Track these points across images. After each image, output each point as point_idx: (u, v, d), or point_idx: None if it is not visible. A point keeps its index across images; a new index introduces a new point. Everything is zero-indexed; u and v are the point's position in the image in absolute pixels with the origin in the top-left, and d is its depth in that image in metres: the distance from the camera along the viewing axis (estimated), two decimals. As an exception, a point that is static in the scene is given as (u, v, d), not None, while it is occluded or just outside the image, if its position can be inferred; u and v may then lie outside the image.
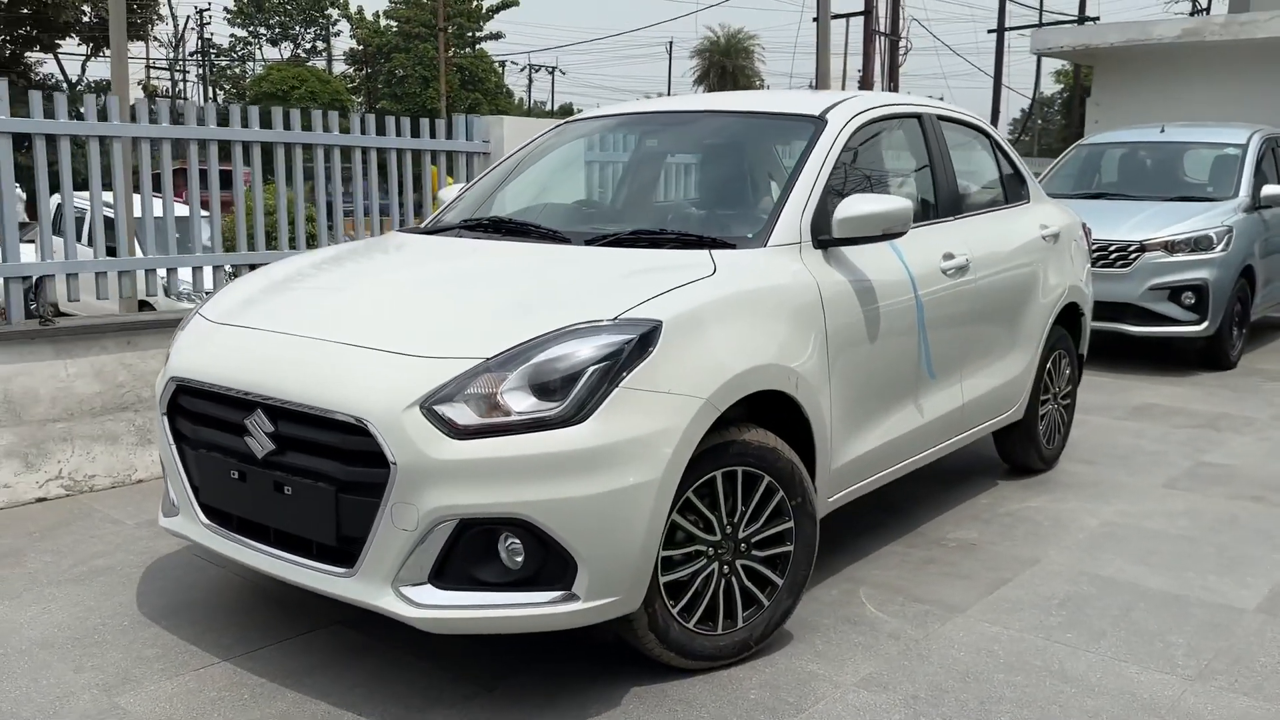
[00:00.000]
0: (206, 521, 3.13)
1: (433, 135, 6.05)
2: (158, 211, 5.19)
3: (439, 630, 2.72)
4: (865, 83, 31.85)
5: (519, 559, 2.68)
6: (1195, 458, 5.56)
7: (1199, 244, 7.81)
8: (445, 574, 2.69)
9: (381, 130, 5.83)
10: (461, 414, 2.64)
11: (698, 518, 2.96)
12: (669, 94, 65.96)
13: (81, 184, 5.04)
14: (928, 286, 3.90)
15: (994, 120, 31.47)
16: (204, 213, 6.91)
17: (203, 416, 3.09)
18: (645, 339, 2.78)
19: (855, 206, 3.43)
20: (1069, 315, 5.20)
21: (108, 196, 7.08)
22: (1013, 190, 4.97)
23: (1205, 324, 7.79)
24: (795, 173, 3.58)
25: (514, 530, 2.66)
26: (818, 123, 3.78)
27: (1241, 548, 4.21)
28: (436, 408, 2.64)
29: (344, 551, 2.77)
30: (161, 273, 5.09)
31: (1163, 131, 9.44)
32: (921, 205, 4.25)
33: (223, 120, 5.18)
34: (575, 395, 2.66)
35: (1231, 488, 5.01)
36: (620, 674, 3.02)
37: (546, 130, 4.58)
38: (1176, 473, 5.27)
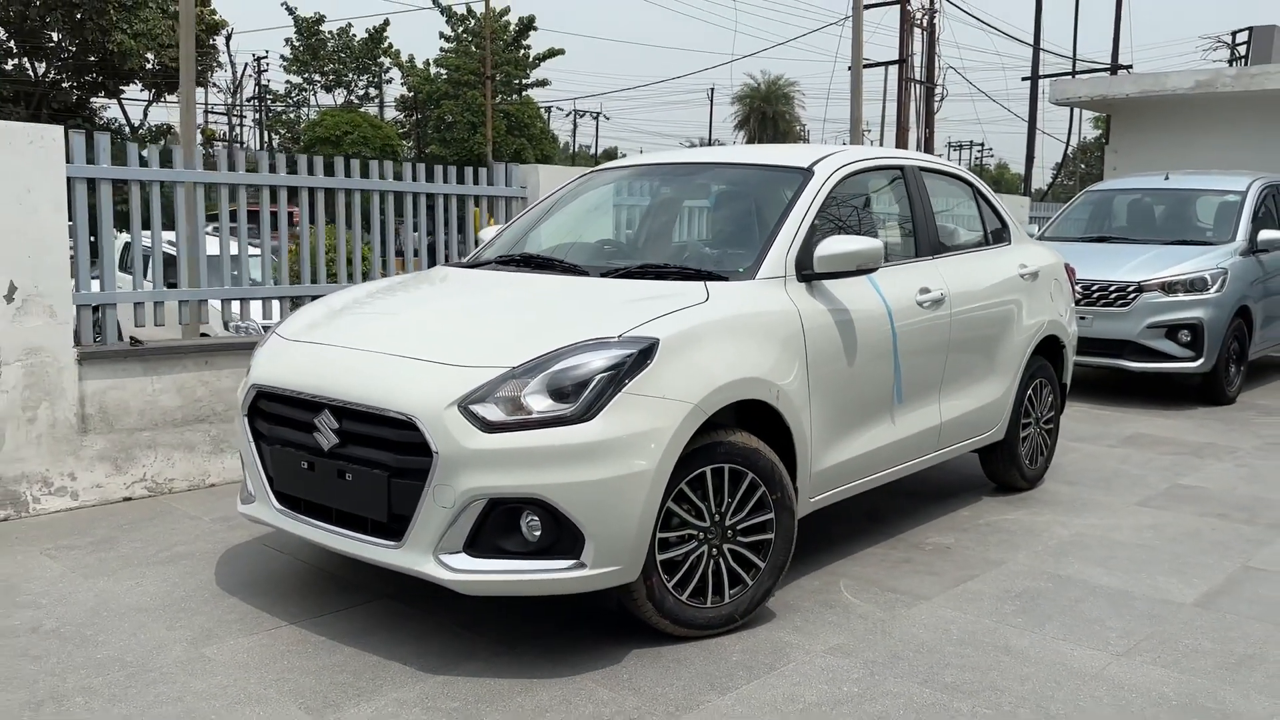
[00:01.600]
0: (279, 506, 3.72)
1: (475, 181, 6.71)
2: (221, 249, 5.83)
3: (471, 591, 3.28)
4: (900, 128, 32.48)
5: (537, 533, 3.24)
6: (1173, 480, 6.00)
7: (1194, 285, 8.26)
8: (477, 544, 3.25)
9: (431, 178, 6.50)
10: (491, 412, 3.22)
11: (690, 507, 3.50)
12: (710, 138, 66.94)
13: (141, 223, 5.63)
14: (903, 317, 4.43)
15: (1029, 163, 31.96)
16: (254, 251, 7.53)
17: (278, 417, 3.69)
18: (644, 353, 3.34)
19: (833, 245, 3.99)
20: (1050, 347, 5.70)
21: (169, 235, 7.76)
22: (994, 233, 5.50)
23: (1201, 360, 8.21)
24: (783, 216, 4.15)
25: (533, 508, 3.22)
26: (805, 173, 4.35)
27: (1196, 556, 4.65)
28: (471, 407, 3.22)
29: (393, 528, 3.35)
30: (216, 304, 5.71)
31: (1167, 179, 9.91)
32: (901, 246, 4.80)
33: (293, 168, 5.86)
34: (585, 398, 3.23)
35: (1200, 506, 5.45)
36: (624, 639, 3.55)
37: (573, 179, 5.20)
38: (1152, 493, 5.72)
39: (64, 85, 35.08)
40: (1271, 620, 3.90)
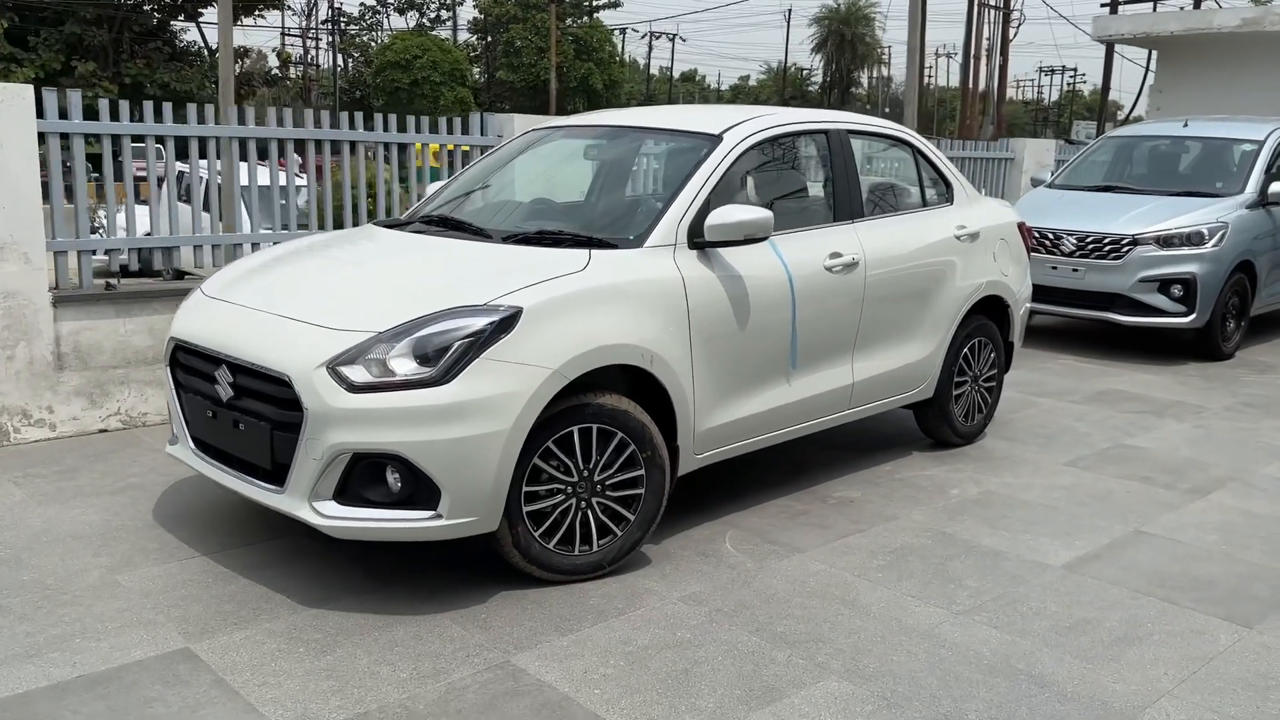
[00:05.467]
0: (195, 449, 4.09)
1: (449, 131, 6.94)
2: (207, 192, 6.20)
3: (340, 535, 3.60)
4: (971, 55, 31.63)
5: (399, 486, 3.54)
6: (1117, 440, 6.07)
7: (1190, 239, 8.15)
8: (345, 493, 3.56)
9: (403, 128, 6.74)
10: (358, 373, 3.50)
11: (559, 463, 3.76)
12: (785, 61, 65.57)
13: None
14: (807, 282, 4.57)
15: (1105, 91, 30.94)
16: (300, 179, 7.83)
17: (191, 368, 4.03)
18: (506, 321, 3.58)
19: (720, 216, 4.15)
20: (992, 306, 5.77)
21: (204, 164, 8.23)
22: (934, 194, 5.56)
23: (1194, 316, 8.14)
24: (681, 184, 4.31)
25: (393, 463, 3.51)
26: (713, 140, 4.49)
27: (1092, 519, 4.77)
28: (339, 368, 3.50)
29: (277, 475, 3.67)
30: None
31: (1185, 126, 9.69)
32: (817, 211, 4.91)
33: (261, 121, 6.17)
34: (444, 362, 3.49)
35: (1128, 468, 5.53)
36: (492, 581, 3.86)
37: (516, 136, 5.40)
38: (1088, 452, 5.81)
39: (144, 8, 35.87)
40: (1129, 585, 4.05)
